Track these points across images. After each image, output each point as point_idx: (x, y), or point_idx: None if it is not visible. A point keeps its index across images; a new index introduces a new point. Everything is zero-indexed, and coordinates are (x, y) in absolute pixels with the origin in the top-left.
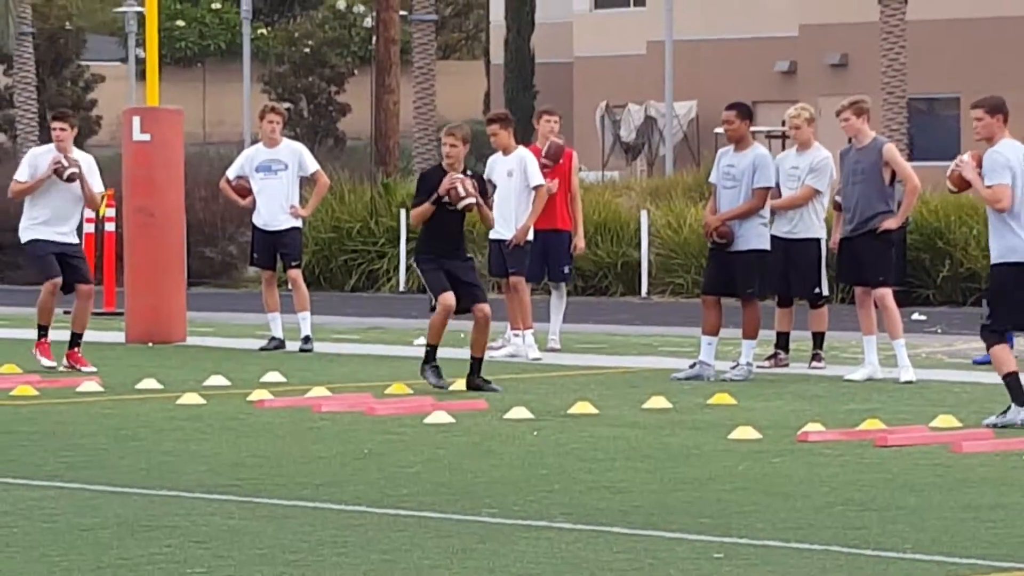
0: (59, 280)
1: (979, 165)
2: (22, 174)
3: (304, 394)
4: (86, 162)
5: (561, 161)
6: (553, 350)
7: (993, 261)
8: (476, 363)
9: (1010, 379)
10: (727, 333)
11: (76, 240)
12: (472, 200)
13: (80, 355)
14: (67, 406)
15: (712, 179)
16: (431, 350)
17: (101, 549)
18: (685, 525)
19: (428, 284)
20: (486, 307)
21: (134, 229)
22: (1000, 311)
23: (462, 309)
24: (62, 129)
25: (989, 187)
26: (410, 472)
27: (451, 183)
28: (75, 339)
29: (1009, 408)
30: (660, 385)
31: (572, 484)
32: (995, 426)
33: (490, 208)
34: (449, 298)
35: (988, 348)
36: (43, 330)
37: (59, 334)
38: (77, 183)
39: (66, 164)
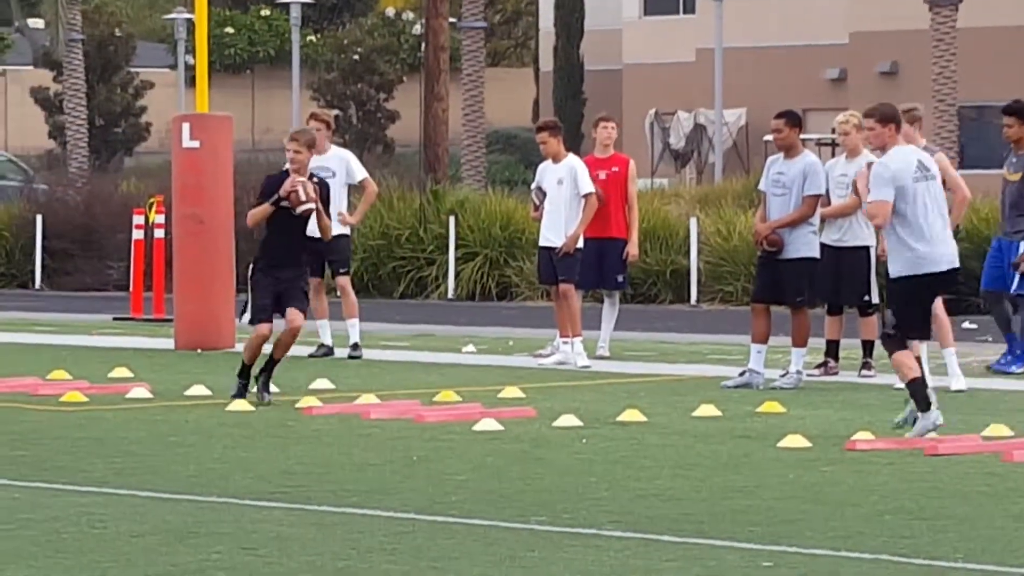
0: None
1: None
2: None
3: (353, 401)
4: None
5: (617, 169)
6: (602, 358)
7: (894, 275)
8: (271, 363)
9: (914, 385)
10: (776, 341)
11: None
12: (312, 205)
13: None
14: (116, 412)
15: (761, 187)
16: (246, 368)
17: (150, 556)
18: (735, 533)
19: (252, 300)
20: (299, 319)
21: (183, 236)
22: (907, 323)
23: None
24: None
25: (869, 203)
26: (459, 479)
27: (292, 186)
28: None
29: (916, 418)
30: (709, 393)
31: (621, 492)
32: (899, 425)
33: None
34: (264, 329)
35: (890, 355)
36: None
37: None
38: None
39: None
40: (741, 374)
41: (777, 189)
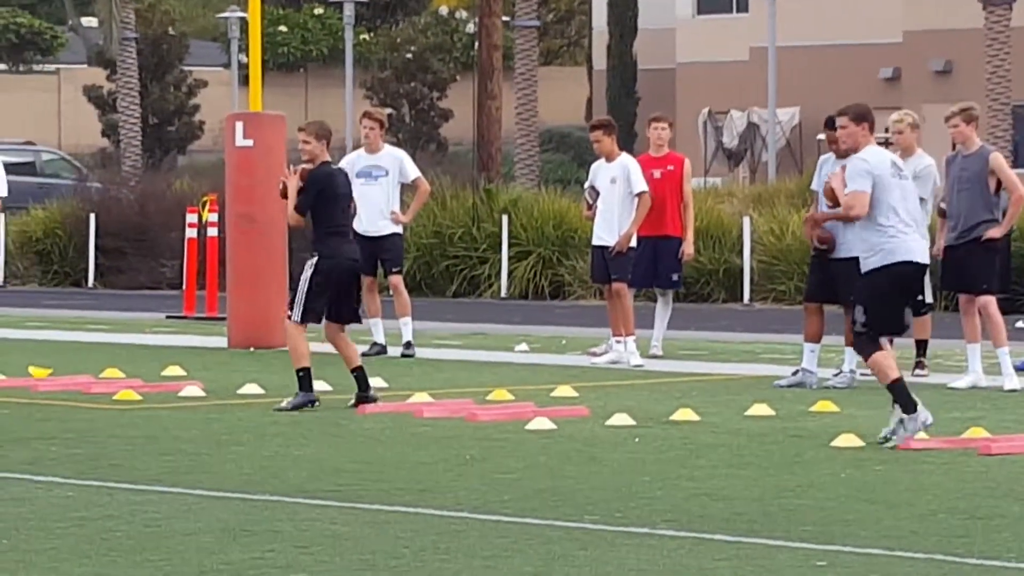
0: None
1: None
2: None
3: (406, 400)
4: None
5: (672, 168)
6: (655, 356)
7: (866, 269)
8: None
9: (896, 386)
10: (830, 340)
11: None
12: (283, 183)
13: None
14: (169, 411)
15: (814, 186)
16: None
17: (203, 554)
18: (787, 533)
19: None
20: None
21: (236, 234)
22: (879, 319)
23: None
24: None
25: (847, 194)
26: (511, 478)
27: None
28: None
29: (902, 421)
30: (762, 392)
31: (674, 491)
32: (886, 439)
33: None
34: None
35: (866, 359)
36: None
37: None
38: None
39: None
40: (794, 373)
41: None
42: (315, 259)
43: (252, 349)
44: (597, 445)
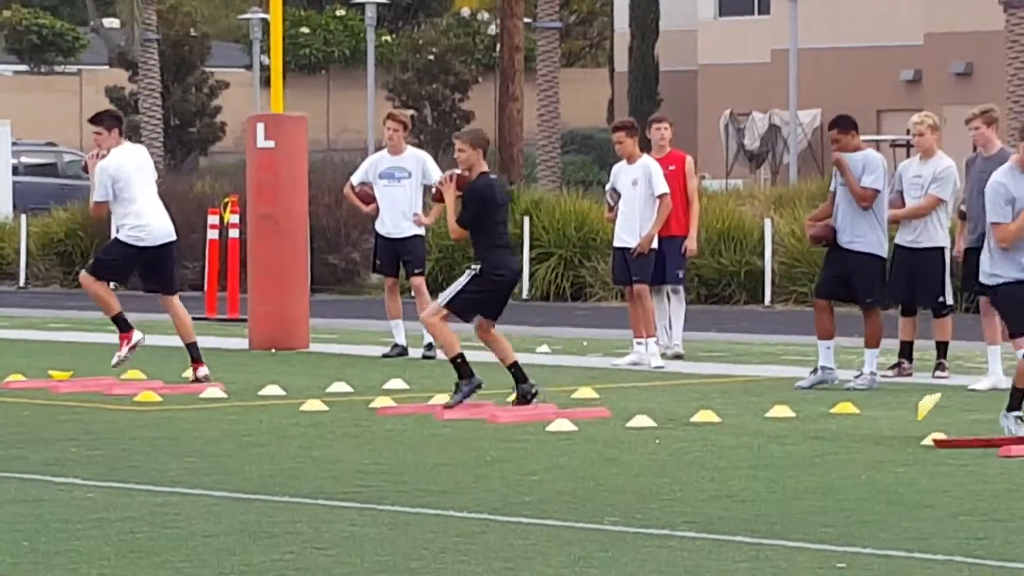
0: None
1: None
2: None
3: (427, 401)
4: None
5: (674, 168)
6: (676, 356)
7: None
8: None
9: None
10: (850, 342)
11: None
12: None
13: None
14: (190, 412)
15: (833, 187)
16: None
17: (224, 555)
18: (808, 534)
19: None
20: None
21: (258, 236)
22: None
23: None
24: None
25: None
26: (532, 480)
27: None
28: None
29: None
30: (783, 394)
31: (694, 493)
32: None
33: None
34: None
35: None
36: None
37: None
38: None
39: None
40: (813, 372)
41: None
42: (479, 268)
43: (273, 351)
44: (618, 447)
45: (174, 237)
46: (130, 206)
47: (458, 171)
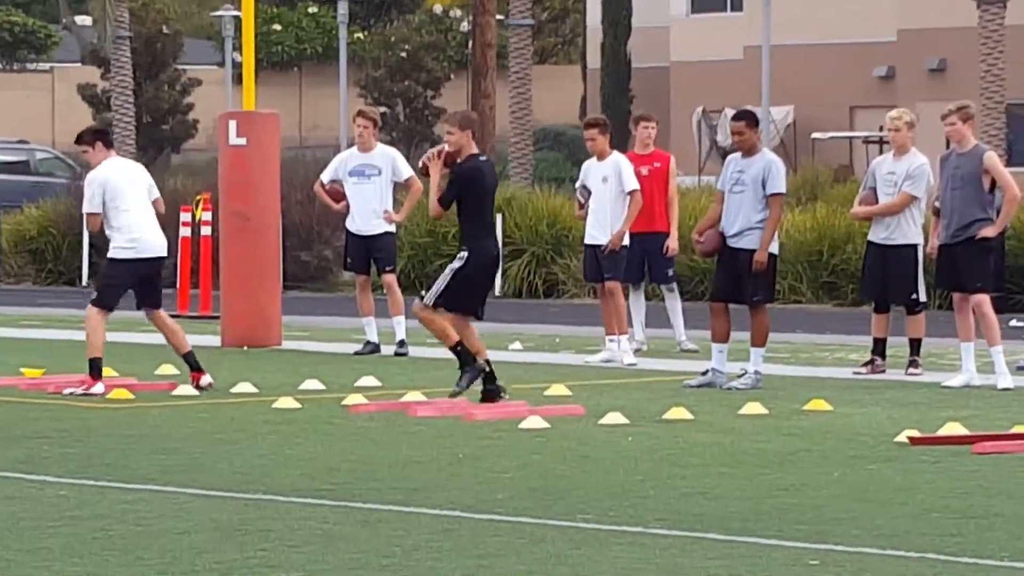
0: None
1: None
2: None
3: (399, 398)
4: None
5: (659, 165)
6: (688, 351)
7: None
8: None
9: None
10: (822, 339)
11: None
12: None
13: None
14: (162, 410)
15: (721, 186)
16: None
17: (195, 553)
18: (781, 532)
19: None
20: None
21: (230, 233)
22: None
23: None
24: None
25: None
26: (505, 477)
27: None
28: None
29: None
30: (755, 391)
31: (667, 490)
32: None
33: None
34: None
35: None
36: None
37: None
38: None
39: None
40: (703, 373)
41: (736, 187)
42: (465, 255)
43: (245, 348)
44: (590, 444)
45: (165, 254)
46: (121, 217)
47: (447, 148)
